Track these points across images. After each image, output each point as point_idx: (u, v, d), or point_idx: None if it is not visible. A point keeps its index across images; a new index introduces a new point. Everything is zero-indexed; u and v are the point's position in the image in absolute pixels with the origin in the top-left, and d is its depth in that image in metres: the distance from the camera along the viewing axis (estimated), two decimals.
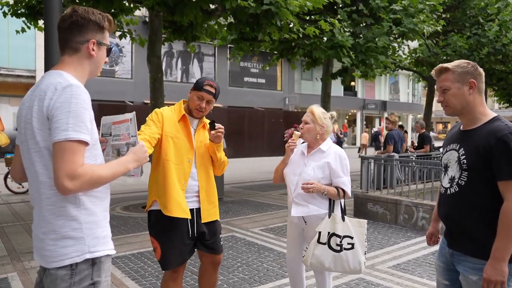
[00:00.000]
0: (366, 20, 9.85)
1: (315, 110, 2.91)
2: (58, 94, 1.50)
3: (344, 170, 2.82)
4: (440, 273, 2.13)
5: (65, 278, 1.52)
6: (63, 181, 1.43)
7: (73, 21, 1.62)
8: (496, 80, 18.54)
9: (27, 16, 8.08)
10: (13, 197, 8.75)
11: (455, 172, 1.99)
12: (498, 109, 33.60)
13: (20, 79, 17.11)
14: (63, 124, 1.46)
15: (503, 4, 13.98)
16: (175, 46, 21.89)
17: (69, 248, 1.53)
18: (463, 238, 1.97)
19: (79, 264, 1.53)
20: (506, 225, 1.80)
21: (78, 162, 1.47)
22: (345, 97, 30.70)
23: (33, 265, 4.40)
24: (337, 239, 2.69)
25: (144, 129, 2.54)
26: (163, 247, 2.62)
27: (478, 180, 1.90)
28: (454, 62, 2.02)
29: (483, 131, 1.92)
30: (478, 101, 1.97)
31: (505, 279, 1.80)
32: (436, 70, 2.05)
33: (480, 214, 1.90)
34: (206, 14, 7.46)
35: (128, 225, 6.26)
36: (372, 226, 6.30)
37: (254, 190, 9.93)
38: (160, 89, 7.68)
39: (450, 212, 2.02)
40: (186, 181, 2.61)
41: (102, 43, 1.68)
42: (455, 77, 1.97)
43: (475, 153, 1.90)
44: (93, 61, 1.68)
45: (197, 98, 2.63)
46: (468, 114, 1.99)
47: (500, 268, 1.80)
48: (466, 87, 1.96)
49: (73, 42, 1.63)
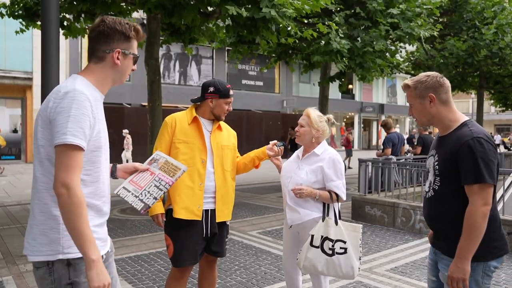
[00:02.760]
0: (364, 23, 9.87)
1: (311, 113, 2.89)
2: (60, 98, 1.56)
3: (338, 174, 2.78)
4: (429, 270, 2.25)
5: (45, 276, 1.59)
6: (58, 189, 1.51)
7: (100, 31, 1.68)
8: (493, 83, 18.63)
9: (24, 17, 8.06)
10: (9, 200, 8.70)
11: (432, 177, 2.13)
12: (495, 112, 33.72)
13: (17, 80, 17.03)
14: (62, 128, 1.52)
15: (500, 8, 14.06)
16: (173, 49, 21.88)
17: (44, 246, 1.58)
18: (440, 238, 2.10)
19: (54, 262, 1.58)
20: (469, 227, 1.89)
21: (74, 167, 1.53)
22: (343, 100, 30.73)
23: (28, 268, 4.37)
24: (330, 243, 2.67)
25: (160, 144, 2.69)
26: (176, 245, 2.65)
27: (448, 185, 2.01)
28: (415, 77, 2.14)
29: (452, 137, 2.02)
30: (444, 111, 2.07)
31: (466, 277, 1.90)
32: (402, 86, 2.20)
33: (453, 217, 1.99)
34: (204, 17, 7.46)
35: (125, 228, 6.22)
36: (369, 229, 6.29)
37: (252, 193, 9.91)
38: (158, 91, 7.67)
39: (429, 214, 2.15)
40: (202, 181, 2.65)
41: (128, 52, 1.74)
42: (416, 93, 2.09)
43: (445, 159, 2.01)
44: (118, 69, 1.74)
45: (225, 104, 2.74)
46: (438, 123, 2.11)
47: (462, 267, 1.90)
48: (427, 102, 2.07)
49: (99, 51, 1.70)
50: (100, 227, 1.72)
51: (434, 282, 2.21)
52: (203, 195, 2.65)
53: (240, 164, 2.94)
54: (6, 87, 16.98)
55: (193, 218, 2.62)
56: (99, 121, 1.65)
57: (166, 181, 2.05)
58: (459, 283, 1.92)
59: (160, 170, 2.09)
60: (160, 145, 2.68)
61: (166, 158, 2.15)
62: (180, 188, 2.61)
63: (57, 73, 4.56)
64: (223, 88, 2.71)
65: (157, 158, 2.16)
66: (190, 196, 2.62)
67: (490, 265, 1.97)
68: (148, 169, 2.08)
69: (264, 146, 2.95)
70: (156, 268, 4.44)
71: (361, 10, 9.82)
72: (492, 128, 46.45)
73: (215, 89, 2.70)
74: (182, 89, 21.98)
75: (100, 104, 1.71)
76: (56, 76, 4.53)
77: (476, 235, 1.88)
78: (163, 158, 2.15)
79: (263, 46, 9.89)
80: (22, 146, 17.85)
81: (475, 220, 1.88)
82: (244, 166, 2.94)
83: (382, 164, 6.94)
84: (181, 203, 2.61)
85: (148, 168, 2.08)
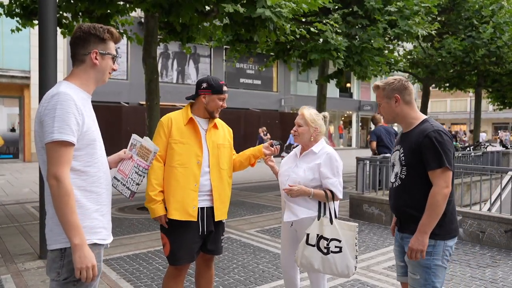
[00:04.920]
0: (361, 22, 9.88)
1: (306, 112, 2.89)
2: (47, 102, 1.75)
3: (334, 172, 2.77)
4: (397, 256, 2.49)
5: (56, 260, 1.78)
6: (49, 180, 1.71)
7: (77, 37, 1.88)
8: (491, 82, 18.67)
9: (21, 16, 8.03)
10: (7, 199, 8.70)
11: (398, 168, 2.37)
12: (493, 110, 33.78)
13: (14, 79, 16.99)
14: (50, 128, 1.71)
15: (497, 7, 14.08)
16: (171, 47, 21.85)
17: (60, 235, 1.76)
18: (408, 222, 2.32)
19: (67, 249, 1.75)
20: (431, 205, 2.17)
21: (63, 161, 1.71)
22: (341, 98, 30.77)
23: (27, 267, 4.38)
24: (325, 242, 2.67)
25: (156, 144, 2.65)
26: (172, 244, 2.66)
27: (414, 173, 2.27)
28: (384, 79, 2.43)
29: (415, 131, 2.31)
30: (407, 110, 2.37)
31: (424, 248, 2.18)
32: (373, 87, 2.49)
33: (419, 201, 2.24)
34: (201, 16, 7.45)
35: (123, 227, 6.23)
36: (367, 228, 6.31)
37: (250, 191, 9.92)
38: (155, 90, 7.66)
39: (396, 202, 2.39)
40: (197, 182, 2.65)
41: (104, 53, 1.90)
42: (384, 93, 2.39)
43: (410, 151, 2.28)
44: (98, 69, 1.90)
45: (219, 100, 2.74)
46: (402, 121, 2.40)
47: (422, 239, 2.19)
48: (393, 101, 2.37)
49: (79, 55, 1.88)
50: (105, 216, 1.90)
51: (403, 267, 2.44)
52: (197, 195, 2.65)
53: (236, 162, 2.95)
54: (4, 86, 16.94)
55: (188, 219, 2.62)
56: (88, 117, 1.82)
57: (143, 165, 2.12)
58: (417, 254, 2.19)
59: (138, 155, 2.14)
60: (157, 145, 2.68)
61: (140, 142, 2.17)
62: (174, 189, 2.61)
63: (55, 72, 4.55)
64: (216, 84, 2.72)
65: (134, 143, 2.20)
66: (185, 197, 2.61)
67: (448, 245, 2.25)
68: (131, 156, 2.17)
69: (261, 144, 2.97)
70: (154, 266, 4.45)
71: (359, 8, 9.82)
72: (490, 126, 46.59)
73: (208, 85, 2.71)
74: (180, 88, 21.95)
75: (88, 102, 1.89)
76: (53, 75, 4.52)
77: (436, 213, 2.17)
78: (138, 143, 2.18)
79: (261, 44, 9.89)
80: (20, 145, 17.81)
81: (437, 199, 2.16)
82: (240, 164, 2.95)
83: (379, 163, 6.96)
84: (175, 204, 2.61)
85: (132, 155, 2.17)
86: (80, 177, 1.79)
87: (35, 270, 4.28)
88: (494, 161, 11.08)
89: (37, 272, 4.22)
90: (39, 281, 3.97)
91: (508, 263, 4.64)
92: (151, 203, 2.63)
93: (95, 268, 1.73)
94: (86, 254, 1.70)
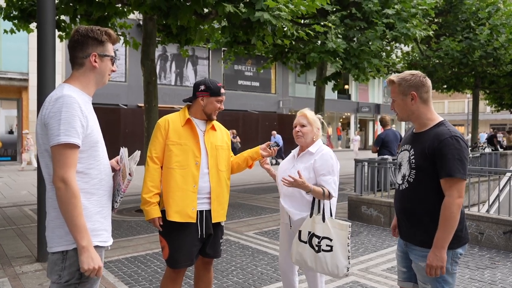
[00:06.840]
0: (359, 24, 9.91)
1: (308, 112, 2.92)
2: (52, 105, 1.75)
3: (329, 170, 2.76)
4: (399, 261, 2.37)
5: (58, 262, 1.78)
6: (56, 183, 1.71)
7: (75, 40, 1.88)
8: (488, 83, 18.74)
9: (19, 19, 8.02)
10: (4, 201, 8.67)
11: (406, 170, 2.23)
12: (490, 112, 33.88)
13: (13, 82, 16.97)
14: (56, 130, 1.71)
15: (494, 9, 14.15)
16: (169, 49, 21.86)
17: (62, 237, 1.77)
18: (413, 229, 2.20)
19: (69, 251, 1.77)
20: (446, 218, 2.03)
21: (70, 164, 1.72)
22: (339, 100, 30.81)
23: (24, 270, 4.36)
24: (316, 240, 2.66)
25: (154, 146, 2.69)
26: (171, 247, 2.65)
27: (424, 178, 2.13)
28: (401, 74, 2.25)
29: (429, 134, 2.15)
30: (423, 109, 2.20)
31: (444, 264, 2.05)
32: (387, 81, 2.29)
33: (427, 208, 2.13)
34: (200, 18, 7.46)
35: (121, 229, 6.22)
36: (366, 229, 6.31)
37: (248, 194, 9.92)
38: (154, 92, 7.66)
39: (402, 206, 2.26)
40: (196, 183, 2.65)
41: (103, 55, 1.90)
42: (400, 89, 2.21)
43: (422, 154, 2.13)
44: (97, 71, 1.91)
45: (216, 102, 2.74)
46: (416, 120, 2.24)
47: (440, 255, 2.05)
48: (408, 99, 2.19)
49: (78, 58, 1.88)
50: (106, 218, 1.91)
51: (405, 273, 2.33)
52: (197, 196, 2.65)
53: (233, 163, 2.95)
54: (2, 88, 16.92)
55: (188, 221, 2.61)
56: (91, 119, 1.82)
57: (122, 186, 1.95)
58: (437, 270, 2.06)
59: (121, 172, 1.99)
60: (154, 147, 2.68)
61: (124, 160, 1.98)
62: (173, 191, 2.60)
63: (53, 74, 4.55)
64: (213, 86, 2.72)
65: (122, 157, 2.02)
66: (184, 198, 2.60)
67: (457, 252, 2.14)
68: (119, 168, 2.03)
69: (258, 146, 2.97)
70: (153, 269, 4.44)
71: (357, 11, 9.85)
72: (488, 127, 46.72)
73: (205, 87, 2.71)
74: (178, 90, 21.96)
75: (89, 105, 1.89)
76: (52, 77, 4.52)
77: (452, 225, 2.04)
78: (124, 159, 2.00)
79: (259, 46, 9.90)
80: (18, 147, 17.77)
81: (451, 211, 2.02)
82: (238, 165, 2.95)
83: (378, 164, 6.97)
84: (175, 206, 2.60)
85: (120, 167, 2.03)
86: (82, 179, 1.79)
87: (33, 273, 4.26)
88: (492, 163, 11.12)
89: (35, 275, 4.20)
90: (36, 284, 3.96)
91: (507, 265, 4.65)
92: (146, 205, 2.62)
93: (101, 270, 1.75)
94: (93, 256, 1.72)
